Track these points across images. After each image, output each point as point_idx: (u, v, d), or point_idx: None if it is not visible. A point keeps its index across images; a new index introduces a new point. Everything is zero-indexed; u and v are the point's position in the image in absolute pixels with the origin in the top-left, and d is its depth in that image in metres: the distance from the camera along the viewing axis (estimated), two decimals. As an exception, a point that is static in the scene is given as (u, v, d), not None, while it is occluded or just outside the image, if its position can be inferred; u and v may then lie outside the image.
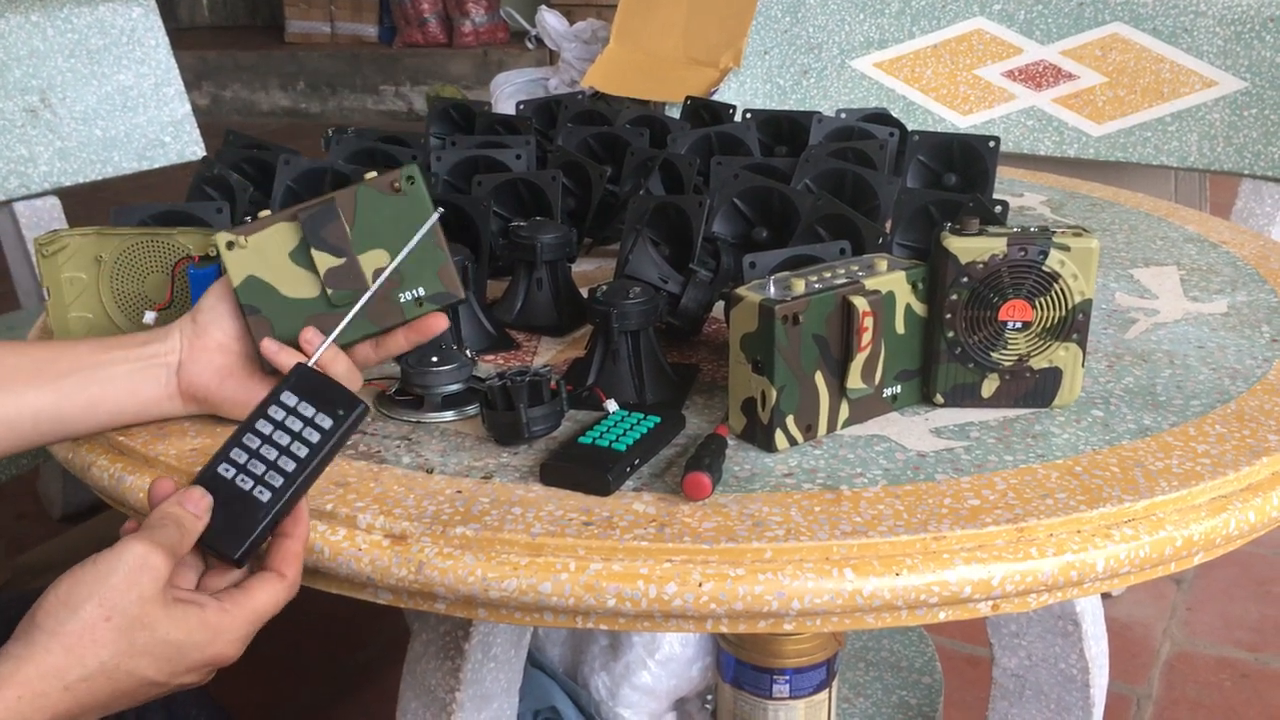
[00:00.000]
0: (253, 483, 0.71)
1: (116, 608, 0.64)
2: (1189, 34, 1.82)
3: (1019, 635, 1.21)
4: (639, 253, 0.98)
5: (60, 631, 0.63)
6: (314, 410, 0.73)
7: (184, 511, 0.69)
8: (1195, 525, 0.74)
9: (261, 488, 0.71)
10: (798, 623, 0.70)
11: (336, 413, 0.73)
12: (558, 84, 2.67)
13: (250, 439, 0.72)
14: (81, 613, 0.63)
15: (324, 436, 0.72)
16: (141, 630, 0.64)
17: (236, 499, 0.71)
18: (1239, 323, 1.03)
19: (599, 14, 3.51)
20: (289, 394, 0.73)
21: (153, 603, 0.65)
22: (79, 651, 0.63)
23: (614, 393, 0.87)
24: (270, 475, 0.71)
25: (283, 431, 0.72)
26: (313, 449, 0.72)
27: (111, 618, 0.64)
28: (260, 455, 0.72)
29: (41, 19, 1.87)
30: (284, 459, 0.71)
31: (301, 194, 1.12)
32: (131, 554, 0.65)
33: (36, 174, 1.85)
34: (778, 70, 2.11)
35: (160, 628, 0.65)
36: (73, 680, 0.63)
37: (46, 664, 0.62)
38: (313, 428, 0.72)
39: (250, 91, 5.73)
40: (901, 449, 0.81)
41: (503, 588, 0.69)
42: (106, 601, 0.64)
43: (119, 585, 0.64)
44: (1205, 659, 1.84)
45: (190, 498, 0.70)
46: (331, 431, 0.72)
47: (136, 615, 0.64)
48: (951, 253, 0.83)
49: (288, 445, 0.72)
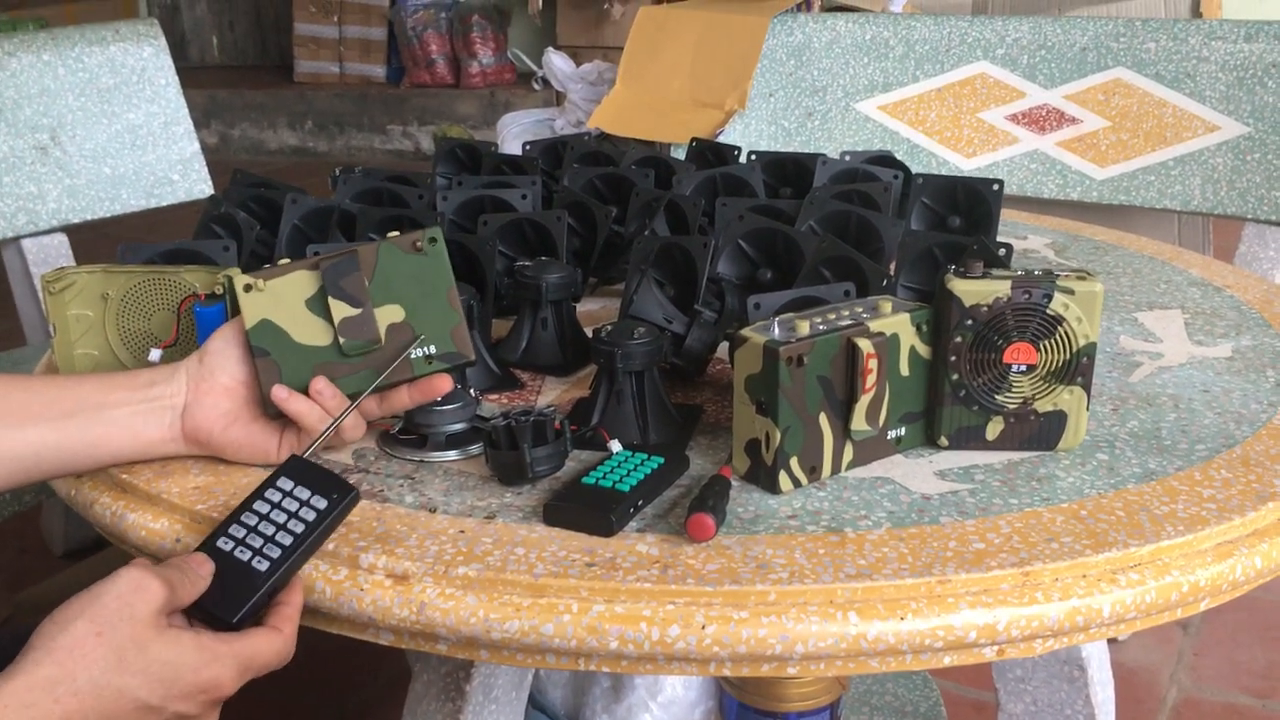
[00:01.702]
0: (251, 554, 0.72)
1: (107, 624, 0.64)
2: (1191, 79, 1.83)
3: (1024, 680, 1.20)
4: (644, 293, 0.98)
5: (51, 646, 0.63)
6: (309, 493, 0.75)
7: (188, 565, 0.70)
8: (1201, 571, 0.73)
9: (260, 558, 0.72)
10: (802, 666, 0.70)
11: (331, 496, 0.75)
12: (564, 124, 2.68)
13: (248, 517, 0.74)
14: (72, 628, 0.64)
15: (319, 515, 0.74)
16: (132, 648, 0.64)
17: (235, 569, 0.72)
18: (1244, 367, 1.03)
19: (605, 56, 3.54)
20: (285, 479, 0.75)
21: (144, 624, 0.65)
22: (69, 665, 0.63)
23: (618, 433, 0.87)
24: (268, 548, 0.73)
25: (280, 511, 0.74)
26: (309, 526, 0.73)
27: (102, 633, 0.64)
28: (258, 531, 0.73)
29: (53, 58, 1.89)
30: (281, 534, 0.73)
31: (308, 233, 1.13)
32: (127, 576, 0.66)
33: (45, 211, 1.86)
34: (782, 112, 2.12)
35: (152, 648, 0.65)
36: (62, 694, 0.62)
37: (36, 676, 0.62)
38: (308, 507, 0.74)
39: (259, 130, 5.77)
40: (906, 491, 0.81)
41: (505, 629, 0.69)
42: (98, 618, 0.64)
43: (111, 604, 0.65)
44: (1212, 705, 1.82)
45: (194, 560, 0.71)
46: (327, 511, 0.74)
47: (128, 633, 0.64)
48: (956, 295, 0.83)
49: (284, 523, 0.73)
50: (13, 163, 1.83)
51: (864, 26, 2.08)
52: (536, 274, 1.01)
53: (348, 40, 5.84)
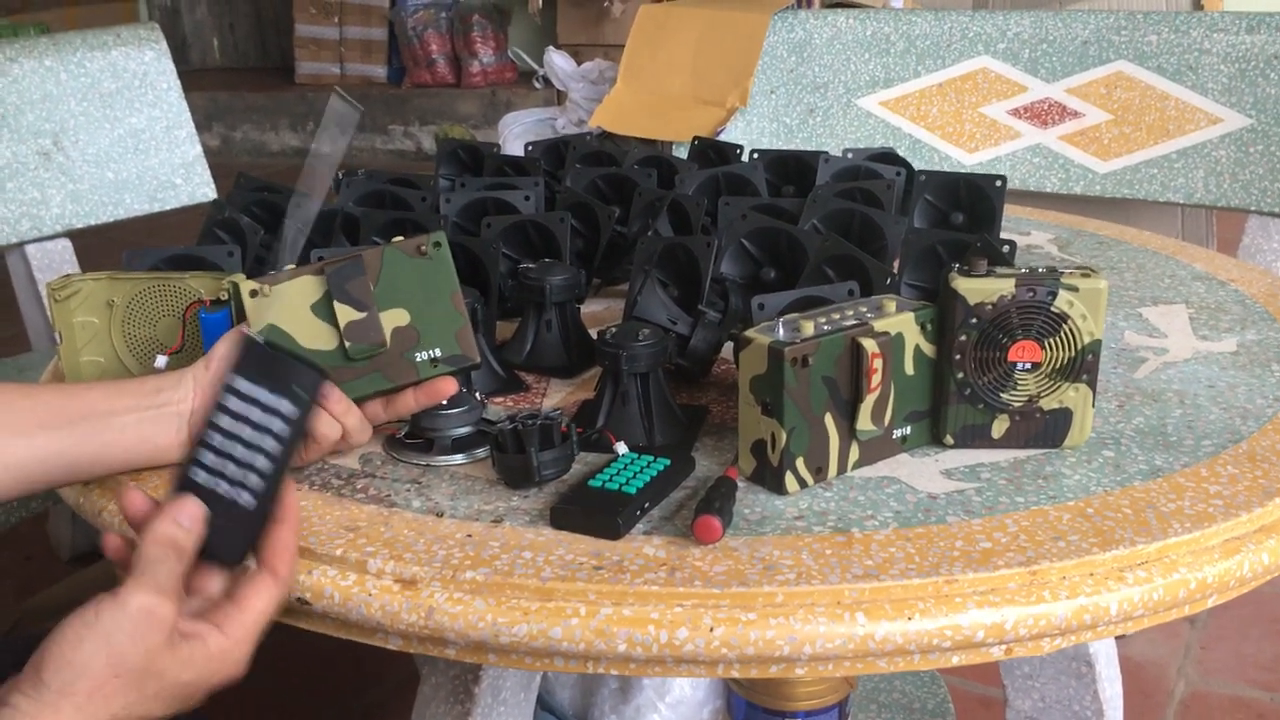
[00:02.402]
0: (229, 486, 0.69)
1: (125, 664, 0.64)
2: (1194, 72, 1.82)
3: (1032, 677, 1.20)
4: (647, 294, 0.98)
5: (69, 691, 0.62)
6: (270, 394, 0.70)
7: (179, 530, 0.68)
8: (1209, 568, 0.73)
9: (242, 490, 0.69)
10: (809, 667, 0.70)
11: (294, 392, 0.70)
12: (565, 124, 2.68)
13: (211, 435, 0.70)
14: (90, 671, 0.63)
15: (288, 424, 0.70)
16: (152, 680, 0.65)
17: (219, 505, 0.69)
18: (1249, 361, 1.02)
19: (606, 54, 3.53)
20: (238, 379, 0.70)
21: (159, 652, 0.65)
22: (89, 709, 0.63)
23: (623, 435, 0.87)
24: (247, 476, 0.69)
25: (243, 423, 0.70)
26: (279, 439, 0.70)
27: (121, 674, 0.64)
28: (228, 454, 0.69)
29: (55, 63, 1.89)
30: (255, 455, 0.69)
31: (312, 237, 1.13)
32: (135, 607, 0.64)
33: (49, 216, 1.86)
34: (784, 109, 2.12)
35: (170, 673, 0.65)
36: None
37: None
38: (274, 415, 0.70)
39: (260, 132, 5.77)
40: (912, 491, 0.81)
41: (513, 633, 0.69)
42: (114, 659, 0.63)
43: (125, 642, 0.64)
44: (1220, 699, 1.82)
45: (184, 512, 0.68)
46: (293, 417, 0.70)
47: (145, 668, 0.64)
48: (960, 294, 0.83)
49: (253, 440, 0.69)
50: (16, 168, 1.83)
51: (865, 22, 2.07)
52: (540, 276, 1.01)
53: (348, 41, 5.84)
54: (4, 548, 2.26)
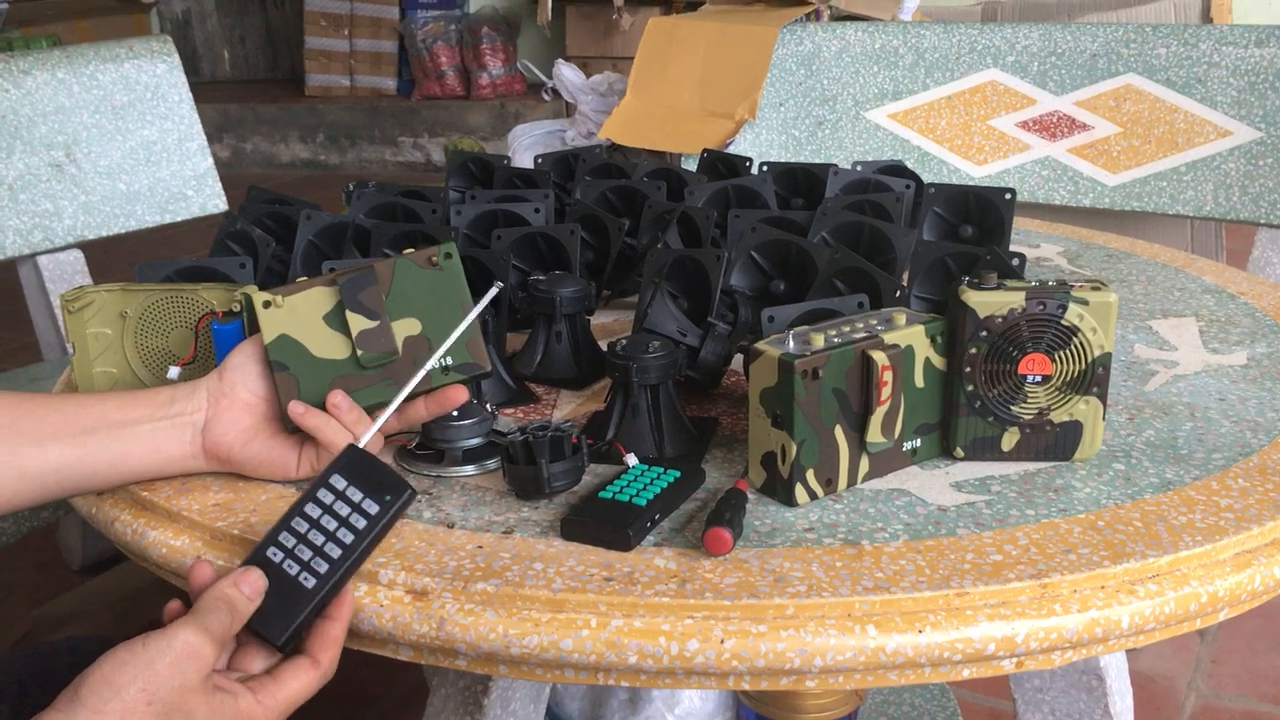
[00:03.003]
0: (299, 568, 0.72)
1: (159, 694, 0.65)
2: (1203, 85, 1.83)
3: (1042, 690, 1.20)
4: (657, 306, 0.98)
5: (103, 710, 0.64)
6: (361, 495, 0.73)
7: (238, 594, 0.70)
8: (1220, 581, 0.73)
9: (307, 574, 0.72)
10: (820, 680, 0.70)
11: (384, 498, 0.73)
12: (575, 136, 2.69)
13: (299, 523, 0.73)
14: (125, 694, 0.64)
15: (370, 522, 0.73)
16: (179, 716, 0.66)
17: (282, 584, 0.71)
18: (1259, 374, 1.02)
19: (615, 66, 3.55)
20: (338, 477, 0.74)
21: (194, 691, 0.66)
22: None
23: (633, 447, 0.87)
24: (316, 561, 0.72)
25: (330, 516, 0.73)
26: (359, 535, 0.72)
27: (153, 703, 0.65)
28: (307, 540, 0.72)
29: (68, 75, 1.90)
30: (330, 545, 0.72)
31: (324, 249, 1.13)
32: (181, 641, 0.66)
33: (61, 228, 1.87)
34: (793, 122, 2.12)
35: (198, 715, 0.66)
36: None
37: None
38: (359, 513, 0.73)
39: (271, 144, 5.80)
40: (922, 503, 0.81)
41: (524, 644, 0.69)
42: (150, 686, 0.65)
43: (164, 672, 0.65)
44: (1231, 713, 1.81)
45: (247, 579, 0.71)
46: (378, 517, 0.73)
47: (177, 702, 0.65)
48: (970, 307, 0.83)
49: (334, 530, 0.72)
50: (29, 180, 1.85)
51: (873, 35, 2.08)
52: (550, 288, 1.02)
53: (358, 53, 5.87)
54: (15, 557, 2.26)
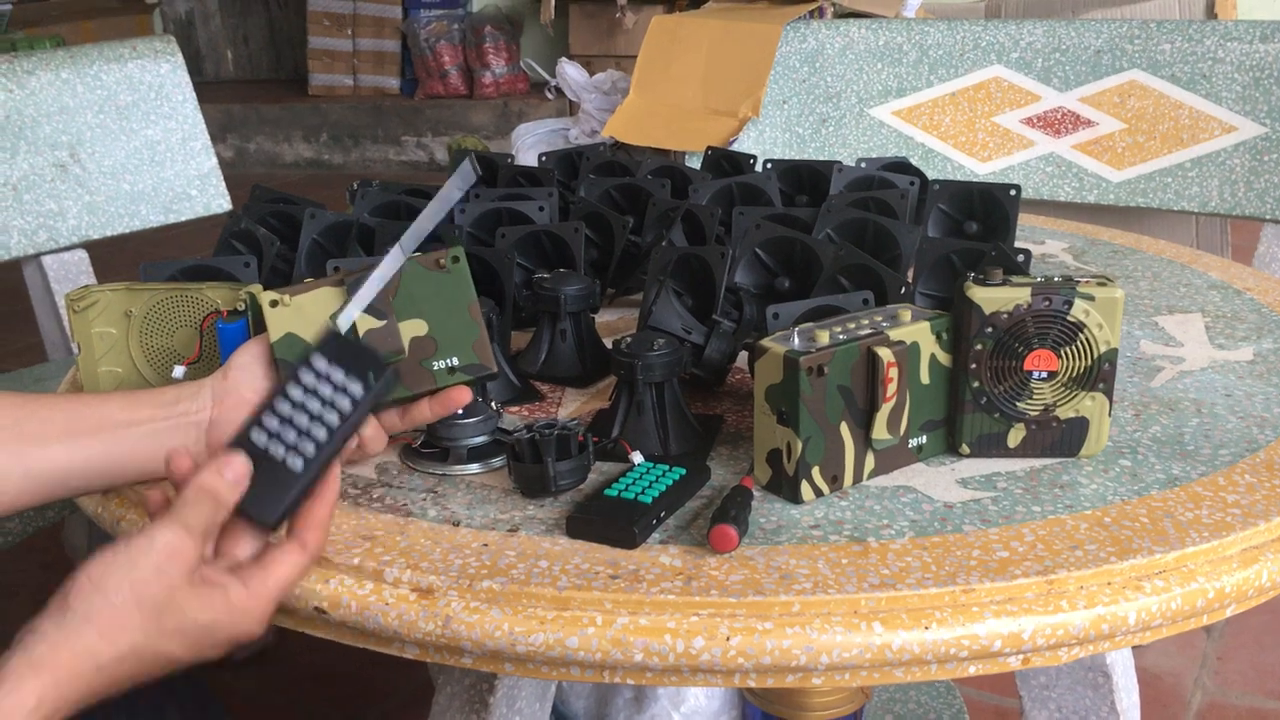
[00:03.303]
0: (284, 450, 0.71)
1: (146, 595, 0.65)
2: (1207, 80, 1.82)
3: (1049, 688, 1.20)
4: (662, 304, 0.98)
5: (93, 615, 0.65)
6: (344, 375, 0.73)
7: (223, 482, 0.70)
8: (1227, 577, 0.73)
9: (294, 456, 0.71)
10: (826, 677, 0.70)
11: (367, 378, 0.73)
12: (578, 134, 2.69)
13: (282, 405, 0.73)
14: (113, 598, 0.65)
15: (355, 404, 0.72)
16: (170, 615, 0.66)
17: (269, 466, 0.71)
18: (1266, 370, 1.02)
19: (618, 65, 3.54)
20: (319, 357, 0.73)
21: (180, 589, 0.66)
22: (110, 635, 0.65)
23: (639, 444, 0.87)
24: (302, 443, 0.71)
25: (313, 397, 0.72)
26: (344, 416, 0.72)
27: (142, 604, 0.65)
28: (292, 422, 0.72)
29: (71, 76, 1.90)
30: (315, 426, 0.72)
31: (328, 248, 1.13)
32: (162, 542, 0.67)
33: (65, 228, 1.87)
34: (796, 119, 2.12)
35: (189, 611, 0.67)
36: (105, 661, 0.65)
37: (80, 646, 0.64)
38: (343, 394, 0.72)
39: (274, 143, 5.80)
40: (928, 500, 0.81)
41: (529, 642, 0.69)
42: (137, 589, 0.65)
43: (148, 574, 0.66)
44: (1238, 710, 1.81)
45: (231, 465, 0.71)
46: (362, 399, 0.72)
47: (165, 601, 0.66)
48: (975, 303, 0.83)
49: (318, 413, 0.72)
50: (33, 180, 1.85)
51: (877, 32, 2.08)
52: (555, 286, 1.02)
53: (361, 53, 5.87)
54: (21, 557, 2.27)
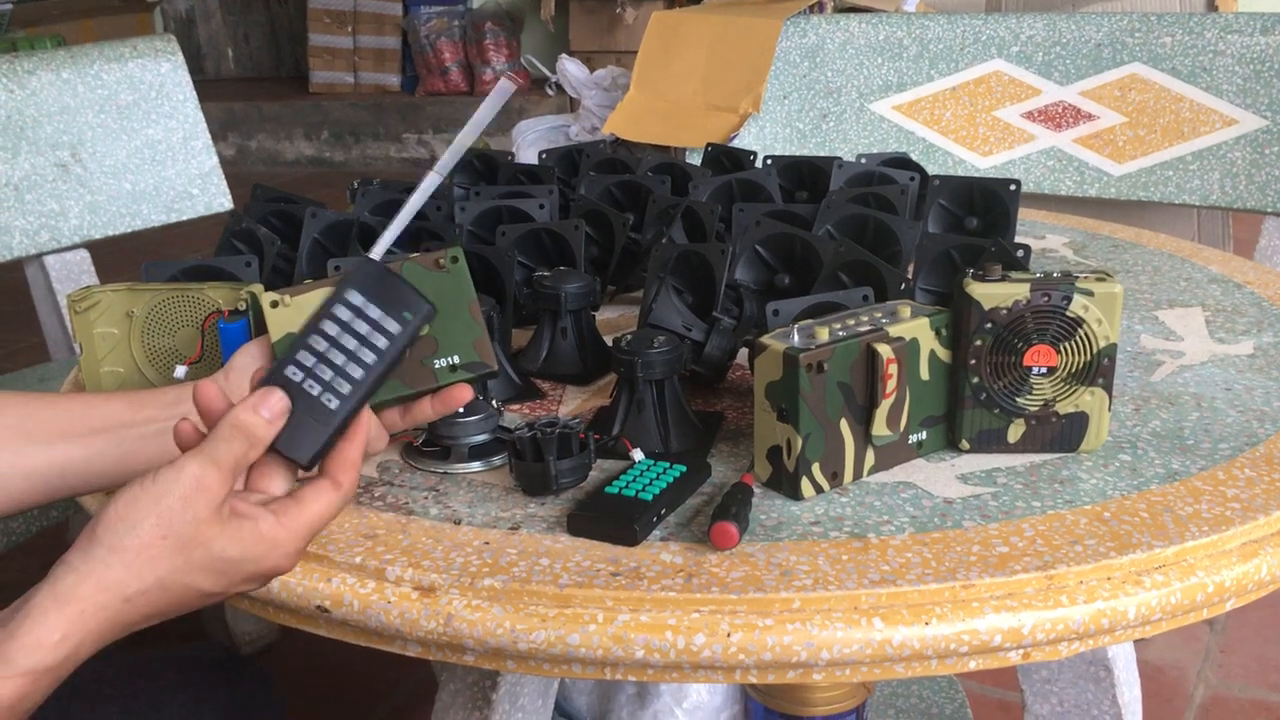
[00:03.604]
0: (320, 388, 0.70)
1: (172, 527, 0.65)
2: (1208, 73, 1.82)
3: (1050, 681, 1.20)
4: (662, 301, 0.98)
5: (119, 547, 0.64)
6: (380, 312, 0.71)
7: (258, 419, 0.69)
8: (1227, 571, 0.73)
9: (330, 394, 0.70)
10: (827, 673, 0.70)
11: (403, 315, 0.72)
12: (578, 131, 2.69)
13: (316, 340, 0.71)
14: (139, 529, 0.64)
15: (391, 341, 0.71)
16: (198, 548, 0.66)
17: (305, 403, 0.70)
18: (1266, 364, 1.02)
19: (618, 61, 3.54)
20: (354, 293, 0.72)
21: (208, 522, 0.66)
22: (136, 568, 0.64)
23: (639, 441, 0.87)
24: (338, 381, 0.70)
25: (349, 334, 0.71)
26: (380, 354, 0.71)
27: (168, 536, 0.65)
28: (327, 359, 0.71)
29: (72, 76, 1.91)
30: (351, 365, 0.70)
31: (329, 247, 1.14)
32: (189, 475, 0.66)
33: (67, 228, 1.87)
34: (797, 115, 2.12)
35: (216, 544, 0.66)
36: (132, 593, 0.64)
37: (106, 578, 0.64)
38: (379, 331, 0.71)
39: (275, 141, 5.80)
40: (928, 496, 0.81)
41: (531, 639, 0.70)
42: (163, 521, 0.65)
43: (175, 506, 0.65)
44: (1240, 702, 1.81)
45: (267, 402, 0.69)
46: (399, 336, 0.71)
47: (192, 535, 0.65)
48: (975, 299, 0.83)
49: (354, 350, 0.71)
50: (35, 180, 1.85)
51: (877, 27, 2.08)
52: (555, 284, 1.02)
53: (362, 50, 5.87)
54: (25, 556, 2.27)
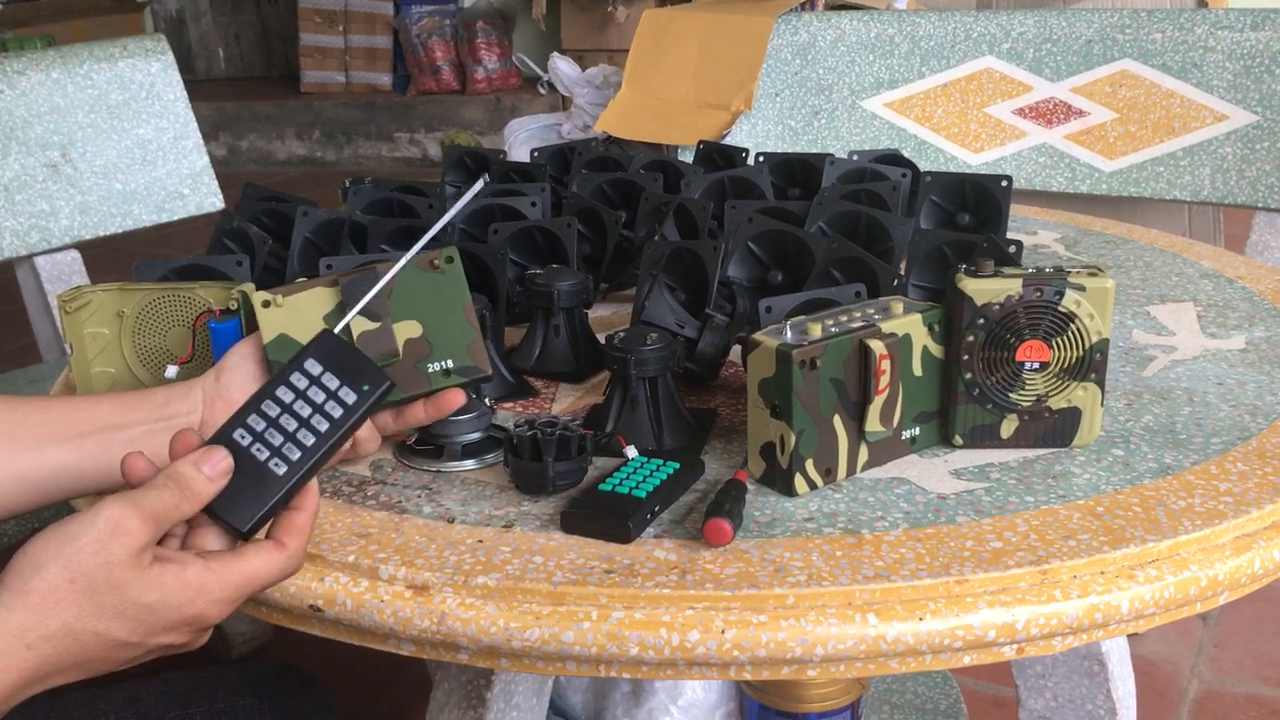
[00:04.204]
0: (268, 453, 0.68)
1: (81, 570, 0.62)
2: (1198, 69, 1.82)
3: (1045, 676, 1.20)
4: (655, 298, 0.98)
5: (23, 590, 0.61)
6: (338, 382, 0.70)
7: (197, 474, 0.66)
8: (1220, 565, 0.73)
9: (278, 460, 0.68)
10: (821, 669, 0.70)
11: (361, 387, 0.70)
12: (570, 129, 2.69)
13: (270, 406, 0.69)
14: (45, 571, 0.61)
15: (346, 412, 0.69)
16: (109, 593, 0.62)
17: (250, 468, 0.68)
18: (1258, 358, 1.02)
19: (610, 59, 3.54)
20: (313, 362, 0.70)
21: (123, 566, 0.62)
22: (41, 612, 0.61)
23: (633, 439, 0.87)
24: (288, 448, 0.68)
25: (304, 402, 0.69)
26: (334, 424, 0.69)
27: (76, 580, 0.62)
28: (279, 425, 0.68)
29: (62, 76, 1.90)
30: (303, 432, 0.68)
31: (320, 246, 1.13)
32: (104, 517, 0.63)
33: (57, 228, 1.87)
34: (789, 112, 2.12)
35: (132, 590, 0.63)
36: (34, 639, 0.61)
37: (9, 622, 0.61)
38: (335, 401, 0.69)
39: (267, 141, 5.79)
40: (922, 491, 0.81)
41: (525, 637, 0.69)
42: (72, 563, 0.62)
43: (86, 548, 0.62)
44: (1234, 697, 1.81)
45: (211, 459, 0.67)
46: (355, 407, 0.69)
47: (104, 579, 0.62)
48: (967, 295, 0.83)
49: (308, 417, 0.69)
50: (25, 181, 1.84)
51: (868, 24, 2.08)
52: (548, 281, 1.02)
53: (353, 49, 5.86)
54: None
